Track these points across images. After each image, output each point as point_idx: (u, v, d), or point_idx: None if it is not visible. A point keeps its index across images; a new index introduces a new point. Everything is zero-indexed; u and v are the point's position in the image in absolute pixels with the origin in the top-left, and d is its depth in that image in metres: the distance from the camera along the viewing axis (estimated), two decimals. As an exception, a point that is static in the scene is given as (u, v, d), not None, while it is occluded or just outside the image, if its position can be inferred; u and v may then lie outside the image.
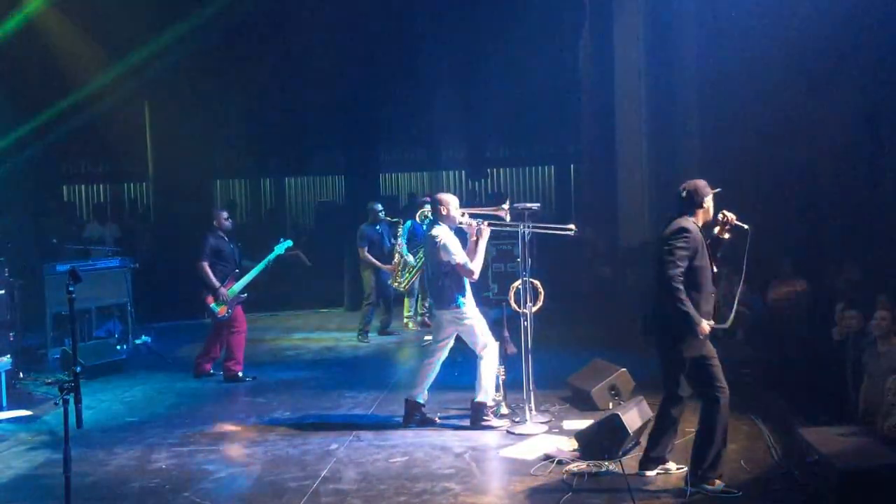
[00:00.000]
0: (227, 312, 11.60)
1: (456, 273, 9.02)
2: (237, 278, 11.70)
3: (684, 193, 7.28)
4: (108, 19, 15.54)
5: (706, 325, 7.07)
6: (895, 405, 8.03)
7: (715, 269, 7.26)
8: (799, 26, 13.36)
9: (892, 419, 7.99)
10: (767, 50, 13.99)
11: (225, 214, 11.98)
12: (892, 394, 8.09)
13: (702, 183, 7.34)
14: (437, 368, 9.33)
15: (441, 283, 9.07)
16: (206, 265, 11.54)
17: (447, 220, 9.16)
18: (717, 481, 7.07)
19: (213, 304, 11.57)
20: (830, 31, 13.00)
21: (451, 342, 9.31)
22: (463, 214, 9.25)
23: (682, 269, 6.96)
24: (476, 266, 9.05)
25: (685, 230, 7.05)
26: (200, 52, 16.83)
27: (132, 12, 15.76)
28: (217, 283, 11.52)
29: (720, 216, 7.28)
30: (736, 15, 14.07)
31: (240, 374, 11.74)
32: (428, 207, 10.14)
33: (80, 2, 15.29)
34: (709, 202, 7.28)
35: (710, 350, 7.14)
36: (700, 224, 7.23)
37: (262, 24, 17.54)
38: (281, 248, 11.94)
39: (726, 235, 7.28)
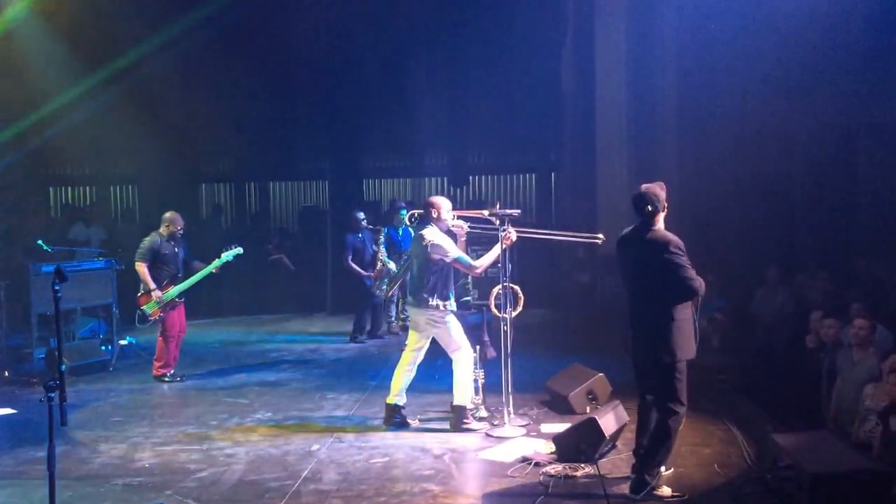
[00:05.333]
0: (160, 315, 11.77)
1: (444, 273, 9.10)
2: (177, 283, 11.86)
3: (650, 206, 7.23)
4: (95, 22, 15.58)
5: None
6: (870, 411, 8.20)
7: None
8: (778, 38, 13.56)
9: (868, 425, 8.15)
10: (747, 61, 14.18)
11: (181, 224, 12.06)
12: (870, 400, 8.25)
13: (660, 185, 7.37)
14: (414, 371, 9.42)
15: (426, 282, 9.12)
16: (144, 266, 11.71)
17: (438, 222, 9.22)
18: (665, 487, 7.14)
19: (145, 306, 11.74)
20: (809, 43, 13.20)
21: (427, 344, 9.40)
22: (454, 217, 9.36)
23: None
24: (480, 262, 9.15)
25: (675, 243, 7.03)
26: (187, 56, 16.90)
27: (119, 16, 15.83)
28: (153, 285, 11.69)
29: None
30: (716, 26, 14.25)
31: (167, 375, 11.92)
32: (404, 213, 10.15)
33: (65, 5, 15.30)
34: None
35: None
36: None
37: (248, 30, 17.60)
38: (229, 255, 11.97)
39: None
